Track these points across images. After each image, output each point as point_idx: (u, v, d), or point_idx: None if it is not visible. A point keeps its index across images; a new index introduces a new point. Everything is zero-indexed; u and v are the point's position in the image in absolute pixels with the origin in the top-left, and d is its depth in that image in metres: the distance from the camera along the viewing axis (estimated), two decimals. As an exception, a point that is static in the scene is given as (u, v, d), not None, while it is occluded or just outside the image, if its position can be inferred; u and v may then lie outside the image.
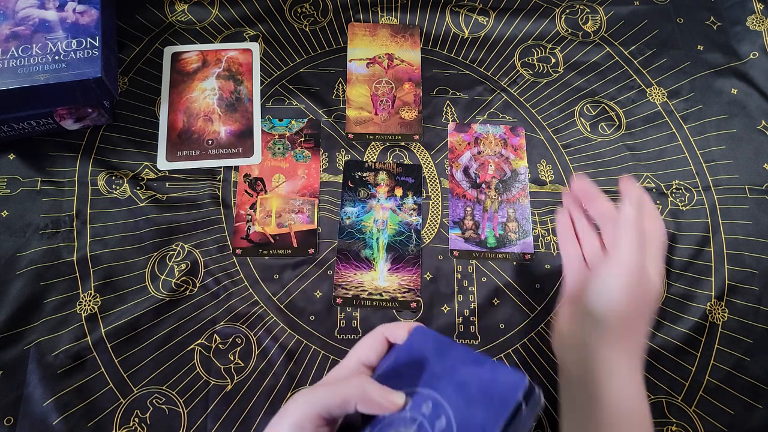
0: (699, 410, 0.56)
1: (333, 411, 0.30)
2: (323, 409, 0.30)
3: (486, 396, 0.29)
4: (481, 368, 0.31)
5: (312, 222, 0.62)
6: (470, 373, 0.31)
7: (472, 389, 0.30)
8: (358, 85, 0.69)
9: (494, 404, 0.29)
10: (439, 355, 0.33)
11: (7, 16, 0.57)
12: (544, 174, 0.66)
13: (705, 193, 0.66)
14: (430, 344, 0.34)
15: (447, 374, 0.32)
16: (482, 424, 0.28)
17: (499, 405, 0.28)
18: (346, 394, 0.30)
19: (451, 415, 0.29)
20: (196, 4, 0.71)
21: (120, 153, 0.63)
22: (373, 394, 0.30)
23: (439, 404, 0.30)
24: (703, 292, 0.61)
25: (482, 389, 0.30)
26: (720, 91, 0.71)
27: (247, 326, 0.57)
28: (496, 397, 0.29)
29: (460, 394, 0.30)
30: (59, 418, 0.51)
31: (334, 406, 0.30)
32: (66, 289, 0.56)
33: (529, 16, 0.74)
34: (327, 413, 0.30)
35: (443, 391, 0.31)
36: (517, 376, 0.30)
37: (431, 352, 0.33)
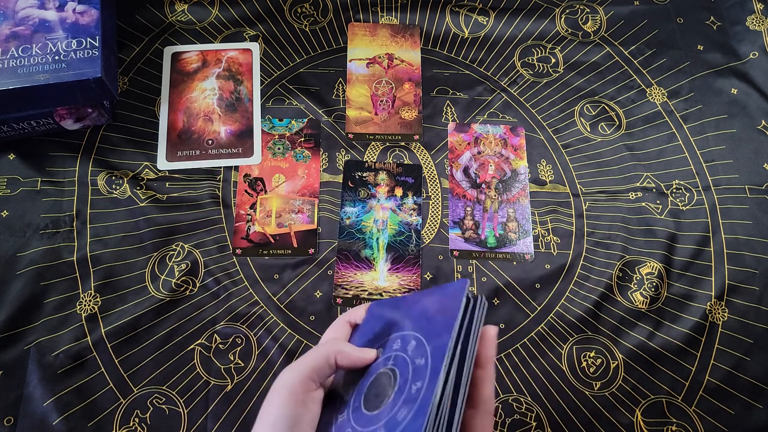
0: (699, 410, 0.56)
1: (319, 370, 0.33)
2: (309, 370, 0.33)
3: (440, 308, 0.33)
4: (431, 295, 0.35)
5: (312, 222, 0.62)
6: (424, 303, 0.35)
7: (428, 311, 0.34)
8: (358, 85, 0.69)
9: (448, 309, 0.32)
10: (395, 309, 0.36)
11: (7, 16, 0.57)
12: (544, 174, 0.66)
13: (705, 193, 0.66)
14: (385, 307, 0.37)
15: (406, 316, 0.35)
16: (443, 325, 0.31)
17: (452, 306, 0.32)
18: (325, 352, 0.33)
19: (419, 335, 0.33)
20: (196, 4, 0.71)
21: (120, 153, 0.63)
22: (347, 348, 0.34)
23: (406, 336, 0.34)
24: (703, 292, 0.61)
25: (436, 306, 0.34)
26: (720, 91, 0.71)
27: (247, 326, 0.57)
28: (448, 304, 0.32)
29: (420, 320, 0.34)
30: (59, 418, 0.51)
31: (318, 364, 0.33)
32: (66, 289, 0.56)
33: (529, 16, 0.74)
34: (314, 373, 0.33)
35: (407, 327, 0.34)
36: (459, 282, 0.33)
37: (389, 312, 0.37)
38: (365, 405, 0.32)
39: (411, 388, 0.30)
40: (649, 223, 0.64)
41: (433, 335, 0.31)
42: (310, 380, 0.32)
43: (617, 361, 0.58)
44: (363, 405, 0.32)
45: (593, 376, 0.57)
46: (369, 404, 0.32)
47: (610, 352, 0.58)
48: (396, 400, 0.30)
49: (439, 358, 0.30)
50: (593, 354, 0.58)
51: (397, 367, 0.32)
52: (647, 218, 0.64)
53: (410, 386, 0.30)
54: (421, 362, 0.31)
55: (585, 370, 0.58)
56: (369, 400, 0.32)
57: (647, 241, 0.63)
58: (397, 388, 0.31)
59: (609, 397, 0.57)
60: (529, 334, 0.59)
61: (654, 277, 0.61)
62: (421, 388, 0.29)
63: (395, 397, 0.30)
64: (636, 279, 0.61)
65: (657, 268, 0.62)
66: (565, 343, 0.59)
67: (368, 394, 0.32)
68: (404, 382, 0.30)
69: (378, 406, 0.31)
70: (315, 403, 0.33)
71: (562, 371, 0.57)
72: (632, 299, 0.60)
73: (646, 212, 0.65)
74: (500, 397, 0.56)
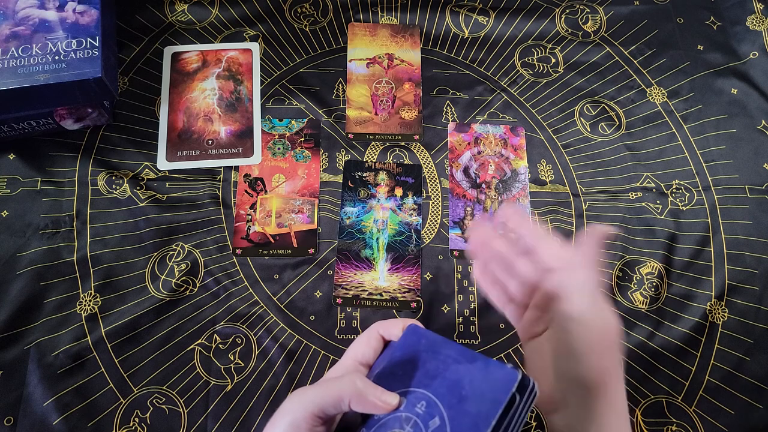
0: (699, 410, 0.56)
1: (327, 410, 0.31)
2: (317, 408, 0.30)
3: (479, 392, 0.29)
4: (472, 365, 0.31)
5: (312, 222, 0.62)
6: (462, 371, 0.31)
7: (464, 387, 0.30)
8: (358, 85, 0.69)
9: (486, 400, 0.29)
10: (432, 353, 0.33)
11: (7, 16, 0.57)
12: (544, 174, 0.66)
13: (705, 193, 0.66)
14: (423, 342, 0.34)
15: (440, 373, 0.32)
16: (475, 420, 0.28)
17: (491, 400, 0.28)
18: (339, 393, 0.31)
19: (445, 414, 0.29)
20: (196, 4, 0.71)
21: (120, 153, 0.63)
22: (367, 393, 0.31)
23: (432, 403, 0.30)
24: (703, 292, 0.61)
25: (474, 386, 0.30)
26: (720, 91, 0.71)
27: (247, 326, 0.57)
28: (487, 393, 0.29)
29: (453, 393, 0.30)
30: (59, 418, 0.51)
31: (328, 405, 0.30)
32: (66, 289, 0.56)
33: (529, 16, 0.74)
34: (321, 412, 0.30)
35: (436, 390, 0.31)
36: (508, 370, 0.30)
37: (425, 351, 0.33)
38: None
39: None
40: (649, 223, 0.64)
41: (463, 425, 0.28)
42: (317, 417, 0.30)
43: (617, 361, 0.58)
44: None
45: (593, 376, 0.57)
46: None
47: (610, 352, 0.58)
48: None
49: None
50: (593, 354, 0.58)
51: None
52: (647, 218, 0.64)
53: None
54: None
55: (585, 370, 0.58)
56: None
57: (647, 241, 0.63)
58: None
59: (609, 397, 0.56)
60: (529, 334, 0.59)
61: (654, 277, 0.61)
62: None
63: None
64: (636, 279, 0.61)
65: (657, 268, 0.62)
66: (565, 343, 0.58)
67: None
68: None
69: None
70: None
71: (562, 371, 0.57)
72: (632, 299, 0.60)
73: (646, 212, 0.65)
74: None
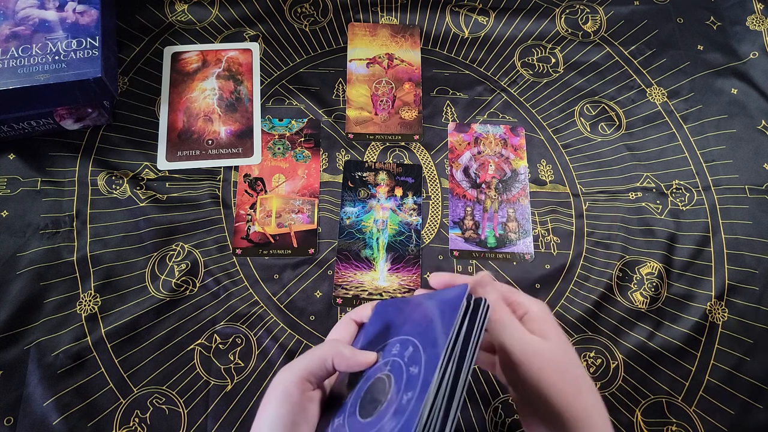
0: (699, 410, 0.56)
1: (315, 371, 0.33)
2: (305, 371, 0.32)
3: (440, 313, 0.32)
4: (432, 300, 0.34)
5: (312, 222, 0.62)
6: (425, 308, 0.34)
7: (427, 316, 0.33)
8: (358, 85, 0.69)
9: (447, 314, 0.31)
10: (399, 311, 0.36)
11: (7, 16, 0.57)
12: (544, 174, 0.66)
13: (705, 193, 0.66)
14: (390, 309, 0.37)
15: (408, 319, 0.34)
16: (440, 333, 0.30)
17: (451, 313, 0.31)
18: (322, 354, 0.33)
19: (417, 341, 0.32)
20: (196, 4, 0.71)
21: (120, 153, 0.63)
22: (345, 351, 0.33)
23: (404, 341, 0.33)
24: (703, 292, 0.61)
25: (436, 312, 0.33)
26: (720, 91, 0.71)
27: (247, 326, 0.57)
28: (447, 310, 0.32)
29: (420, 325, 0.33)
30: (59, 418, 0.51)
31: (315, 366, 0.33)
32: (66, 289, 0.56)
33: (529, 16, 0.74)
34: (310, 375, 0.32)
35: (406, 332, 0.33)
36: (458, 287, 0.33)
37: (393, 314, 0.36)
38: (360, 411, 0.31)
39: (402, 398, 0.29)
40: (649, 223, 0.64)
41: (429, 343, 0.31)
42: (306, 381, 0.32)
43: (617, 361, 0.58)
44: (358, 410, 0.31)
45: (593, 376, 0.57)
46: (364, 410, 0.31)
47: (610, 352, 0.58)
48: (387, 409, 0.29)
49: (431, 370, 0.29)
50: (593, 354, 0.58)
51: (393, 373, 0.31)
52: (647, 218, 0.64)
53: (402, 396, 0.29)
54: (415, 371, 0.30)
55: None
56: (364, 406, 0.31)
57: (647, 241, 0.63)
58: (390, 397, 0.30)
59: (609, 397, 0.57)
60: (529, 334, 0.59)
61: (654, 277, 0.61)
62: (411, 399, 0.28)
63: (387, 406, 0.30)
64: (636, 279, 0.61)
65: (657, 268, 0.62)
66: (565, 343, 0.58)
67: (364, 400, 0.32)
68: (397, 390, 0.30)
69: (371, 413, 0.30)
70: (313, 403, 0.32)
71: (562, 371, 0.57)
72: (632, 299, 0.60)
73: (646, 212, 0.65)
74: (500, 397, 0.56)
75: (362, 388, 0.33)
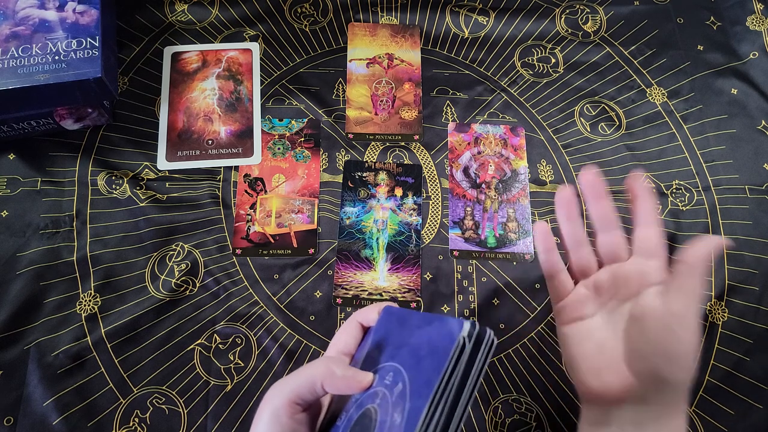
0: (699, 410, 0.56)
1: (303, 395, 0.31)
2: (293, 394, 0.31)
3: (432, 350, 0.30)
4: (431, 327, 0.32)
5: (312, 222, 0.62)
6: (423, 335, 0.32)
7: (423, 348, 0.31)
8: (358, 85, 0.69)
9: (438, 354, 0.30)
10: (401, 327, 0.34)
11: (7, 16, 0.57)
12: (544, 174, 0.66)
13: (705, 193, 0.66)
14: (394, 320, 0.35)
15: (406, 342, 0.33)
16: (429, 375, 0.29)
17: (441, 353, 0.29)
18: (311, 376, 0.31)
19: (406, 377, 0.30)
20: (196, 4, 0.71)
21: (120, 153, 0.63)
22: (337, 371, 0.31)
23: (397, 371, 0.31)
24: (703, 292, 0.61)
25: (431, 345, 0.31)
26: (720, 91, 0.71)
27: (247, 326, 0.57)
28: (440, 347, 0.30)
29: (414, 356, 0.31)
30: (59, 418, 0.51)
31: (303, 389, 0.31)
32: (66, 289, 0.56)
33: (529, 16, 0.74)
34: (298, 398, 0.31)
35: (401, 359, 0.32)
36: (456, 321, 0.31)
37: (396, 327, 0.34)
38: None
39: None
40: (649, 223, 0.64)
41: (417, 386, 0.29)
42: (295, 404, 0.31)
43: (617, 361, 0.58)
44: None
45: (593, 376, 0.57)
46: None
47: (610, 352, 0.58)
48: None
49: (414, 417, 0.27)
50: (593, 354, 0.58)
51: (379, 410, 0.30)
52: (647, 218, 0.64)
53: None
54: (397, 420, 0.28)
55: (585, 370, 0.58)
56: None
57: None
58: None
59: (609, 397, 0.56)
60: (529, 334, 0.59)
61: (654, 277, 0.61)
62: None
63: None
64: (636, 279, 0.61)
65: (657, 268, 0.61)
66: (565, 343, 0.58)
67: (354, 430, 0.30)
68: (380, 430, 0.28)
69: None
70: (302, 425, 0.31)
71: (562, 371, 0.57)
72: (632, 299, 0.60)
73: (646, 212, 0.64)
74: (500, 397, 0.56)
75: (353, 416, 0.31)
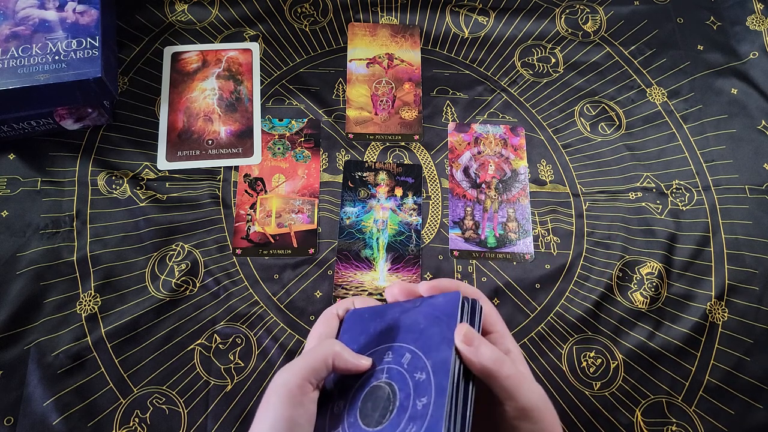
0: (699, 410, 0.56)
1: (318, 371, 0.32)
2: (307, 371, 0.32)
3: (433, 320, 0.32)
4: (419, 307, 0.34)
5: (312, 222, 0.62)
6: (412, 315, 0.34)
7: (420, 323, 0.33)
8: (358, 85, 0.69)
9: (442, 321, 0.32)
10: (378, 318, 0.36)
11: (7, 16, 0.57)
12: (544, 174, 0.66)
13: (705, 193, 0.66)
14: (366, 316, 0.36)
15: (395, 326, 0.34)
16: (440, 337, 0.31)
17: (447, 318, 0.31)
18: (324, 354, 0.33)
19: (413, 348, 0.32)
20: (196, 4, 0.71)
21: (120, 153, 0.63)
22: (345, 352, 0.33)
23: (397, 348, 0.33)
24: (703, 292, 0.61)
25: (428, 318, 0.33)
26: (720, 91, 0.71)
27: (247, 326, 0.57)
28: (441, 316, 0.32)
29: (412, 332, 0.33)
30: (59, 418, 0.51)
31: (318, 366, 0.32)
32: (66, 289, 0.56)
33: (529, 16, 0.74)
34: (312, 375, 0.32)
35: (397, 338, 0.33)
36: (450, 293, 0.33)
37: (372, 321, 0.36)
38: (362, 420, 0.31)
39: (416, 404, 0.29)
40: (649, 223, 0.64)
41: (431, 348, 0.31)
42: (308, 382, 0.32)
43: (617, 361, 0.58)
44: (360, 420, 0.31)
45: (593, 376, 0.57)
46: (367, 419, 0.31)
47: (610, 352, 0.58)
48: (400, 416, 0.29)
49: (444, 373, 0.29)
50: (593, 354, 0.58)
51: (393, 381, 0.31)
52: (647, 218, 0.64)
53: (414, 402, 0.29)
54: (422, 377, 0.30)
55: (585, 370, 0.58)
56: (366, 415, 0.31)
57: (647, 241, 0.63)
58: (399, 404, 0.30)
59: (609, 397, 0.57)
60: (529, 334, 0.59)
61: (654, 277, 0.61)
62: (429, 404, 0.28)
63: (398, 413, 0.30)
64: (636, 279, 0.61)
65: (657, 268, 0.62)
66: (565, 343, 0.59)
67: (364, 409, 0.31)
68: (406, 397, 0.30)
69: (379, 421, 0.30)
70: (312, 404, 0.32)
71: (562, 371, 0.57)
72: (632, 299, 0.60)
73: (646, 212, 0.65)
74: (500, 397, 0.56)
75: (358, 396, 0.32)
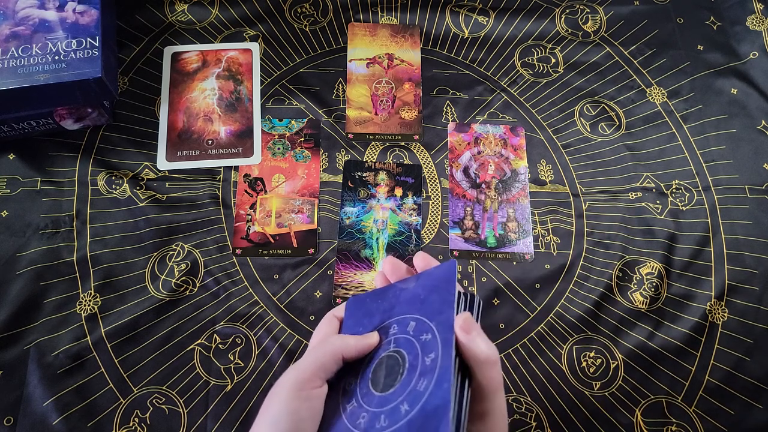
0: (699, 410, 0.56)
1: (328, 366, 0.33)
2: (317, 367, 0.33)
3: (433, 288, 0.34)
4: (417, 282, 0.35)
5: (312, 222, 0.62)
6: (412, 290, 0.35)
7: (420, 294, 0.34)
8: (358, 85, 0.69)
9: (442, 286, 0.33)
10: (380, 300, 0.37)
11: (7, 16, 0.57)
12: (544, 174, 0.66)
13: (705, 193, 0.66)
14: (367, 301, 0.37)
15: (396, 303, 0.35)
16: (441, 302, 0.32)
17: (447, 283, 0.33)
18: (333, 349, 0.33)
19: (417, 316, 0.33)
20: (196, 4, 0.71)
21: (120, 153, 0.63)
22: (350, 339, 0.34)
23: (402, 320, 0.34)
24: (703, 292, 0.61)
25: (427, 288, 0.34)
26: (720, 91, 0.71)
27: (247, 326, 0.57)
28: (440, 283, 0.34)
29: (414, 303, 0.34)
30: (59, 418, 0.51)
31: (327, 362, 0.33)
32: (66, 289, 0.56)
33: (529, 16, 0.74)
34: (321, 370, 0.33)
35: (400, 313, 0.35)
36: (446, 263, 0.34)
37: (373, 304, 0.37)
38: (375, 388, 0.32)
39: (424, 360, 0.31)
40: (649, 223, 0.64)
41: (434, 312, 0.33)
42: (317, 377, 0.33)
43: (617, 361, 0.58)
44: (372, 388, 0.32)
45: (593, 376, 0.57)
46: (379, 386, 0.32)
47: (610, 352, 0.58)
48: (411, 375, 0.31)
49: (448, 328, 0.31)
50: (593, 354, 0.58)
51: (401, 348, 0.33)
52: (647, 218, 0.64)
53: (423, 359, 0.31)
54: (428, 337, 0.32)
55: (585, 370, 0.58)
56: (378, 383, 0.32)
57: (647, 241, 0.63)
58: (408, 365, 0.31)
59: (609, 397, 0.57)
60: (529, 334, 0.59)
61: (654, 277, 0.61)
62: (437, 358, 0.30)
63: (409, 373, 0.31)
64: (636, 279, 0.61)
65: (657, 268, 0.62)
66: (565, 343, 0.59)
67: (375, 378, 0.33)
68: (415, 357, 0.31)
69: (392, 384, 0.31)
70: (319, 399, 0.33)
71: (562, 371, 0.57)
72: (632, 299, 0.60)
73: (646, 212, 0.65)
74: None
75: (368, 371, 0.34)
